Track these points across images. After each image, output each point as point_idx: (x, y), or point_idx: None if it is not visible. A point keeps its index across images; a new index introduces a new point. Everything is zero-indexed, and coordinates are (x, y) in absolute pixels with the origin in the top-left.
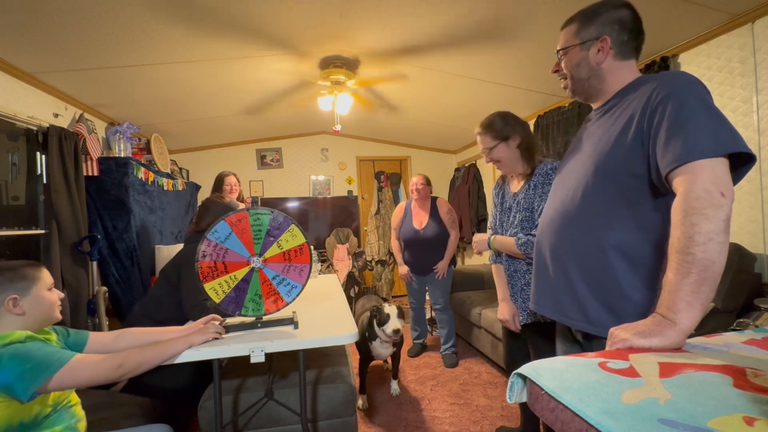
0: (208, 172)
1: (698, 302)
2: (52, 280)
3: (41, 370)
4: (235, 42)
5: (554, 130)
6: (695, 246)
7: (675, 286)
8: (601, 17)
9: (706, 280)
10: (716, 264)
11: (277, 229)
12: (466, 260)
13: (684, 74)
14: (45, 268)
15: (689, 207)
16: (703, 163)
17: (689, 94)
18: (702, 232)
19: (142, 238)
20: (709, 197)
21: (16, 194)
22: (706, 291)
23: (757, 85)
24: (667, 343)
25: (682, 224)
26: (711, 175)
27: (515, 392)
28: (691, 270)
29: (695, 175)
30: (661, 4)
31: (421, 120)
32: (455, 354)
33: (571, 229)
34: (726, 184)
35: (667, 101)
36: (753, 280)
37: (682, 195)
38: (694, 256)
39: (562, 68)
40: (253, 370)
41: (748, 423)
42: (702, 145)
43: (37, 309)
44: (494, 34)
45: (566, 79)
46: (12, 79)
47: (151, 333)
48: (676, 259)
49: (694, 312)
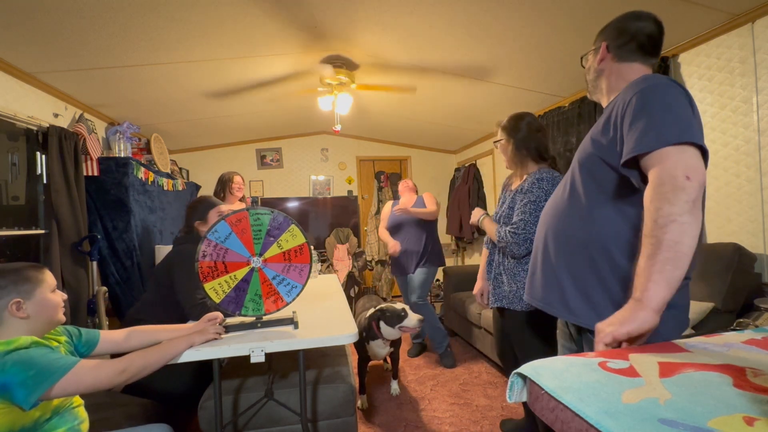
0: (208, 172)
1: (663, 280)
2: (55, 282)
3: (44, 378)
4: (234, 42)
5: (554, 130)
6: (658, 228)
7: (642, 269)
8: (609, 26)
9: (670, 260)
10: (680, 244)
11: (277, 229)
12: (467, 260)
13: (659, 77)
14: (48, 270)
15: (655, 193)
16: (669, 151)
17: (655, 91)
18: (663, 215)
19: (142, 238)
20: (673, 181)
21: (16, 194)
22: (670, 269)
23: (757, 85)
24: (639, 324)
25: (648, 210)
26: (676, 159)
27: (515, 392)
28: (656, 252)
29: (661, 162)
30: (661, 4)
31: (421, 120)
32: (449, 347)
33: (558, 224)
34: (693, 168)
35: (635, 97)
36: (753, 280)
37: (650, 183)
38: (657, 238)
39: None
40: (253, 370)
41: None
42: (665, 133)
43: (42, 312)
44: (494, 35)
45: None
46: (12, 79)
47: (161, 331)
48: (644, 244)
49: (660, 288)
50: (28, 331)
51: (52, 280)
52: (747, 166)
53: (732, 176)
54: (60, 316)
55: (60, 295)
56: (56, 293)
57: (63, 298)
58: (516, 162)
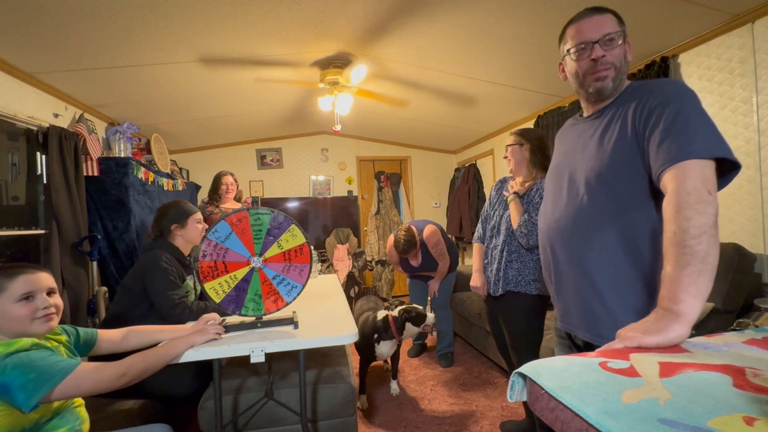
0: (208, 172)
1: (698, 292)
2: (29, 289)
3: (44, 381)
4: (234, 42)
5: (554, 130)
6: (691, 239)
7: (674, 278)
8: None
9: (704, 272)
10: (711, 256)
11: (277, 229)
12: (467, 260)
13: (678, 83)
14: (23, 276)
15: (681, 202)
16: (693, 163)
17: (685, 101)
18: (696, 225)
19: (142, 239)
20: (699, 193)
21: (16, 194)
22: (704, 282)
23: (757, 85)
24: (675, 336)
25: (675, 219)
26: (700, 174)
27: (516, 391)
28: (689, 262)
29: (685, 173)
30: (661, 4)
31: (421, 120)
32: (451, 354)
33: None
34: (713, 184)
35: (664, 107)
36: (753, 280)
37: (673, 191)
38: (691, 248)
39: (603, 55)
40: (253, 370)
41: (748, 423)
42: (693, 146)
43: (5, 323)
44: (494, 35)
45: (609, 69)
46: (12, 79)
47: (160, 331)
48: (673, 252)
49: (696, 302)
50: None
51: (20, 288)
52: (747, 166)
53: None
54: (31, 328)
55: (33, 306)
56: (29, 303)
57: (42, 305)
58: (527, 166)
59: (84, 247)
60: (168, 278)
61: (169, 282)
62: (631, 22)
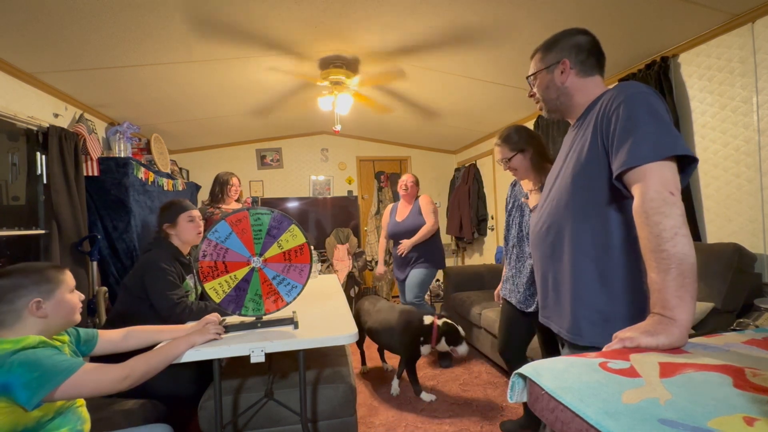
0: (208, 172)
1: (688, 295)
2: (74, 283)
3: (48, 380)
4: (234, 42)
5: (554, 130)
6: (665, 242)
7: (660, 285)
8: (560, 44)
9: (685, 273)
10: (688, 256)
11: (277, 229)
12: (467, 260)
13: (636, 84)
14: (68, 271)
15: (648, 208)
16: (651, 167)
17: (635, 103)
18: (667, 228)
19: (143, 239)
20: (661, 196)
21: (16, 194)
22: (689, 282)
23: (757, 85)
24: (674, 340)
25: (646, 224)
26: (659, 176)
27: (516, 392)
28: (669, 266)
29: (645, 178)
30: (661, 4)
31: (421, 120)
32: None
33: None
34: (674, 184)
35: (618, 110)
36: (753, 280)
37: (638, 198)
38: (668, 252)
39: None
40: (253, 370)
41: (748, 423)
42: (645, 150)
43: (60, 312)
44: (494, 34)
45: (539, 102)
46: (12, 79)
47: (160, 331)
48: (653, 258)
49: (687, 304)
50: (43, 330)
51: (71, 281)
52: (747, 166)
53: (732, 176)
54: (76, 317)
55: (77, 296)
56: (74, 294)
57: (81, 298)
58: (537, 170)
59: (84, 247)
60: (167, 278)
61: (168, 282)
62: (631, 22)
